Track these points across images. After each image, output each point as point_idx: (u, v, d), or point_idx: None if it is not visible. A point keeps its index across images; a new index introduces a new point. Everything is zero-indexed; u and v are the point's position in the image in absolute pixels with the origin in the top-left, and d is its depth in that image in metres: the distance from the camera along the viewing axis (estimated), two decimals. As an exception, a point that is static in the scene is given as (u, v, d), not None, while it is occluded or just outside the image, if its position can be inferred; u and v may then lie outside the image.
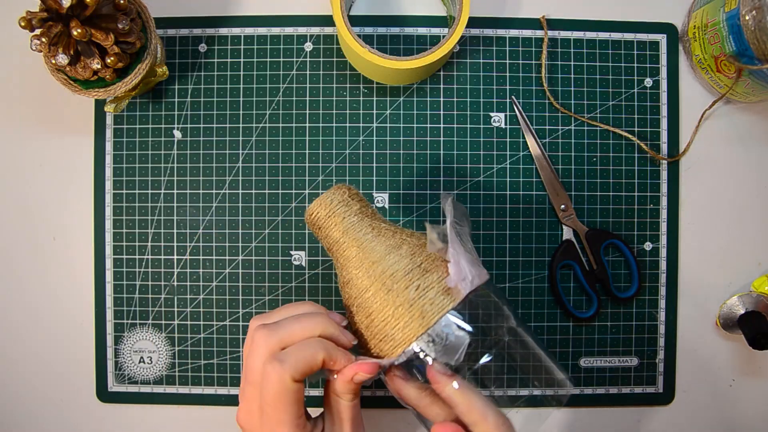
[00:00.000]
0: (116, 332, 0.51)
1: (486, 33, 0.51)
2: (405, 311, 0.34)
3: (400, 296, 0.34)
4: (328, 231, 0.38)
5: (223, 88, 0.51)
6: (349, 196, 0.39)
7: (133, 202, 0.51)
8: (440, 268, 0.35)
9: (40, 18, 0.39)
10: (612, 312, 0.51)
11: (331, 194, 0.38)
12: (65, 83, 0.44)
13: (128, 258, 0.51)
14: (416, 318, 0.34)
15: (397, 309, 0.34)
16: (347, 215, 0.38)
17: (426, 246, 0.36)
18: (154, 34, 0.45)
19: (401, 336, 0.34)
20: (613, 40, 0.52)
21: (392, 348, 0.34)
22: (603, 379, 0.51)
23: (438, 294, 0.34)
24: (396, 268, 0.35)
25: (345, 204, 0.38)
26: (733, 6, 0.45)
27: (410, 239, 0.37)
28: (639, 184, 0.51)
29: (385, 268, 0.35)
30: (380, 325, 0.34)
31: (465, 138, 0.51)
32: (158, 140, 0.51)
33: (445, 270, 0.35)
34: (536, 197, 0.51)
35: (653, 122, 0.52)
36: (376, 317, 0.35)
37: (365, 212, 0.38)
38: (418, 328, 0.34)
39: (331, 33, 0.51)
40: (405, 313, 0.34)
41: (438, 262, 0.35)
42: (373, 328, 0.35)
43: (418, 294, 0.34)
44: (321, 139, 0.51)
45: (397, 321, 0.34)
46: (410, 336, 0.34)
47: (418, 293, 0.34)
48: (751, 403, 0.52)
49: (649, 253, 0.51)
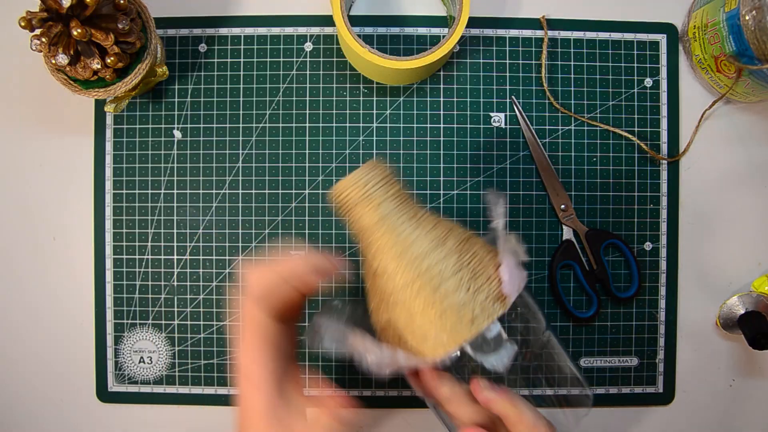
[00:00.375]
0: (116, 332, 0.51)
1: (486, 33, 0.51)
2: (454, 313, 0.32)
3: (450, 297, 0.32)
4: (361, 215, 0.34)
5: (223, 88, 0.51)
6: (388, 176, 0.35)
7: (133, 202, 0.51)
8: (488, 269, 0.33)
9: (40, 18, 0.39)
10: (612, 312, 0.51)
11: (367, 173, 0.34)
12: (65, 83, 0.44)
13: (128, 258, 0.51)
14: (466, 322, 0.32)
15: (445, 310, 0.32)
16: (385, 199, 0.34)
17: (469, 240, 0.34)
18: (154, 34, 0.45)
19: (447, 339, 0.32)
20: (613, 40, 0.52)
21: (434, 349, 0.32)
22: (603, 379, 0.51)
23: (489, 299, 0.32)
24: (444, 265, 0.32)
25: (383, 186, 0.34)
26: (733, 6, 0.45)
27: (454, 232, 0.34)
28: (639, 184, 0.51)
29: (431, 264, 0.32)
30: (424, 324, 0.32)
31: (465, 138, 0.51)
32: (158, 140, 0.51)
33: (494, 272, 0.33)
34: (536, 197, 0.51)
35: (653, 122, 0.52)
36: (418, 317, 0.32)
37: (403, 196, 0.35)
38: (466, 332, 0.32)
39: (331, 33, 0.51)
40: (453, 314, 0.32)
41: (486, 262, 0.33)
42: (414, 327, 0.32)
43: (468, 297, 0.32)
44: (321, 139, 0.51)
45: (444, 322, 0.32)
46: (458, 339, 0.32)
47: (468, 296, 0.32)
48: (751, 403, 0.52)
49: (649, 253, 0.51)
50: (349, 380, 0.51)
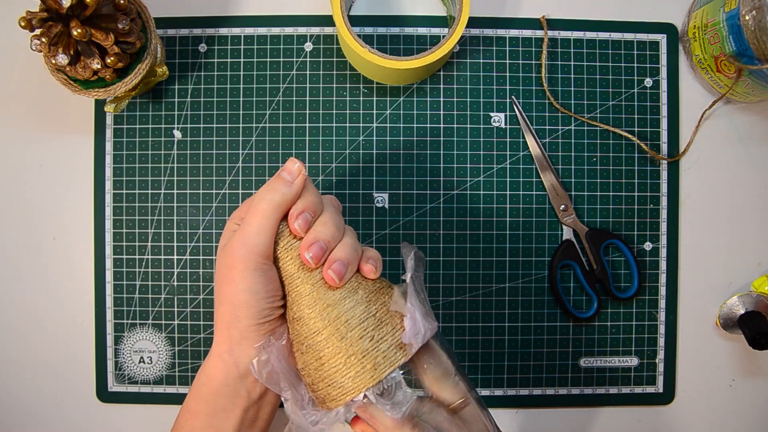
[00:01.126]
0: (116, 332, 0.51)
1: (486, 33, 0.51)
2: (357, 361, 0.34)
3: (354, 345, 0.34)
4: (284, 263, 0.36)
5: (223, 88, 0.51)
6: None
7: (133, 202, 0.51)
8: (394, 319, 0.35)
9: (40, 18, 0.39)
10: (612, 312, 0.51)
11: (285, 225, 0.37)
12: (65, 83, 0.44)
13: (128, 258, 0.51)
14: (368, 369, 0.34)
15: (349, 358, 0.34)
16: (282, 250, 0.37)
17: (380, 291, 0.36)
18: (154, 34, 0.45)
19: (351, 385, 0.34)
20: (613, 40, 0.52)
21: (340, 395, 0.34)
22: (603, 379, 0.51)
23: (391, 347, 0.34)
24: (351, 315, 0.35)
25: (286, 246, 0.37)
26: (733, 6, 0.45)
27: (365, 283, 0.36)
28: (639, 184, 0.51)
29: (340, 313, 0.35)
30: (330, 370, 0.34)
31: (465, 138, 0.51)
32: (158, 140, 0.51)
33: (400, 323, 0.35)
34: (536, 197, 0.51)
35: (653, 122, 0.52)
36: (327, 362, 0.34)
37: None
38: (369, 379, 0.34)
39: (331, 33, 0.51)
40: (357, 362, 0.34)
41: (392, 312, 0.35)
42: (323, 372, 0.35)
43: (371, 345, 0.34)
44: (321, 139, 0.51)
45: (348, 369, 0.34)
46: (360, 386, 0.34)
47: (372, 344, 0.34)
48: (751, 403, 0.52)
49: (649, 253, 0.51)
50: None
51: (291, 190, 0.36)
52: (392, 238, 0.51)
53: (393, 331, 0.35)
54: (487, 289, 0.51)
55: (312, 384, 0.36)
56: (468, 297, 0.51)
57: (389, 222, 0.51)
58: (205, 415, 0.39)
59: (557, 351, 0.51)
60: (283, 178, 0.36)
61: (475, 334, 0.51)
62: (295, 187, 0.36)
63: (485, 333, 0.51)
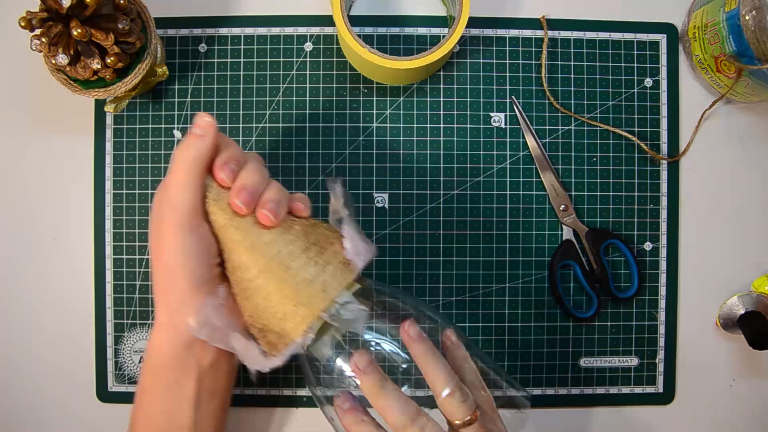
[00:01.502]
0: (116, 332, 0.51)
1: (486, 33, 0.51)
2: (306, 286, 0.33)
3: (301, 273, 0.34)
4: (215, 216, 0.36)
5: (223, 88, 0.51)
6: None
7: (133, 202, 0.51)
8: (335, 245, 0.36)
9: (40, 18, 0.39)
10: (612, 312, 0.51)
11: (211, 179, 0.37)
12: (65, 83, 0.44)
13: (128, 258, 0.51)
14: (319, 291, 0.33)
15: (298, 285, 0.34)
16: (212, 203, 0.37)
17: (315, 225, 0.36)
18: (154, 34, 0.45)
19: (305, 312, 0.33)
20: (613, 40, 0.52)
21: (295, 325, 0.34)
22: (603, 379, 0.51)
23: (337, 269, 0.34)
24: (292, 247, 0.34)
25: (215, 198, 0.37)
26: (733, 6, 0.45)
27: (299, 220, 0.37)
28: (639, 184, 0.51)
29: (280, 248, 0.34)
30: (281, 303, 0.34)
31: (465, 138, 0.51)
32: (158, 140, 0.51)
33: (341, 246, 0.35)
34: (536, 197, 0.51)
35: (653, 122, 0.52)
36: (275, 296, 0.34)
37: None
38: (321, 301, 0.33)
39: (331, 33, 0.51)
40: (307, 287, 0.33)
41: (331, 239, 0.36)
42: (273, 309, 0.34)
43: (318, 270, 0.34)
44: (321, 139, 0.51)
45: (299, 297, 0.33)
46: (314, 310, 0.33)
47: (317, 269, 0.34)
48: (751, 403, 0.52)
49: (649, 253, 0.51)
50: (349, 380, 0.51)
51: (204, 143, 0.36)
52: (392, 238, 0.51)
53: (336, 253, 0.35)
54: (487, 289, 0.51)
55: (263, 329, 0.35)
56: (468, 297, 0.51)
57: (389, 222, 0.51)
58: (159, 391, 0.39)
59: (557, 351, 0.51)
60: (195, 133, 0.37)
61: (475, 334, 0.51)
62: (208, 139, 0.36)
63: (485, 333, 0.51)
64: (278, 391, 0.51)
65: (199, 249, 0.36)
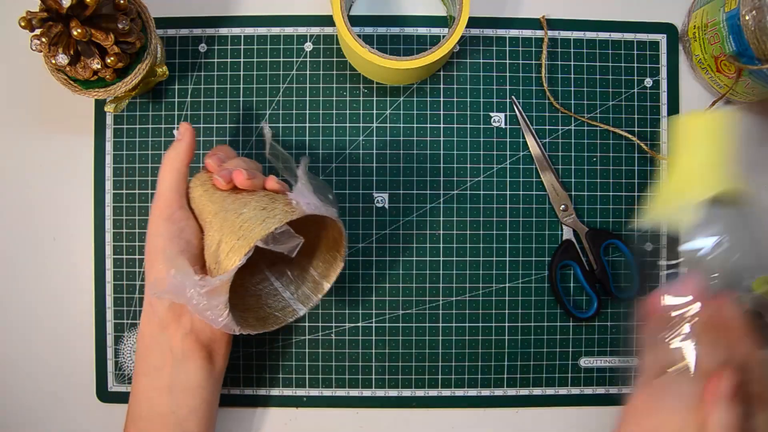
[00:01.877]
0: (116, 332, 0.51)
1: (486, 33, 0.51)
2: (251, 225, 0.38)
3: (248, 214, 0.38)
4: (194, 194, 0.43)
5: (223, 88, 0.51)
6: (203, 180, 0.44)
7: (133, 202, 0.51)
8: (285, 200, 0.39)
9: (40, 18, 0.39)
10: (612, 312, 0.51)
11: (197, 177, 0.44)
12: (65, 83, 0.44)
13: (128, 258, 0.51)
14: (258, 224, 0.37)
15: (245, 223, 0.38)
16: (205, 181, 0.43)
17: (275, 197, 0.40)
18: (154, 34, 0.45)
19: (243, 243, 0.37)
20: (613, 40, 0.52)
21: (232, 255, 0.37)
22: (603, 379, 0.51)
23: (284, 211, 0.38)
24: (246, 199, 0.39)
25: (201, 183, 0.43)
26: (733, 6, 0.45)
27: (258, 192, 0.41)
28: (639, 184, 0.51)
29: (235, 200, 0.40)
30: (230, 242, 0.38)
31: (465, 138, 0.51)
32: (158, 140, 0.51)
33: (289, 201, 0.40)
34: (536, 197, 0.51)
35: (653, 122, 0.52)
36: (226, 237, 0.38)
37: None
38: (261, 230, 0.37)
39: (331, 33, 0.51)
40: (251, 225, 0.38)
41: (282, 197, 0.40)
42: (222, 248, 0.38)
43: (265, 213, 0.38)
44: (321, 139, 0.51)
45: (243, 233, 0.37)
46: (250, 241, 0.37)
47: (265, 213, 0.38)
48: (751, 403, 0.52)
49: (649, 254, 0.51)
50: (349, 380, 0.51)
51: (182, 143, 0.43)
52: (392, 238, 0.51)
53: (286, 201, 0.39)
54: (487, 289, 0.51)
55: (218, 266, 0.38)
56: (468, 297, 0.51)
57: (389, 222, 0.51)
58: (143, 375, 0.42)
59: (557, 351, 0.51)
60: (176, 138, 0.44)
61: (475, 334, 0.51)
62: (185, 140, 0.43)
63: (485, 333, 0.51)
64: (279, 391, 0.51)
65: (173, 232, 0.41)
